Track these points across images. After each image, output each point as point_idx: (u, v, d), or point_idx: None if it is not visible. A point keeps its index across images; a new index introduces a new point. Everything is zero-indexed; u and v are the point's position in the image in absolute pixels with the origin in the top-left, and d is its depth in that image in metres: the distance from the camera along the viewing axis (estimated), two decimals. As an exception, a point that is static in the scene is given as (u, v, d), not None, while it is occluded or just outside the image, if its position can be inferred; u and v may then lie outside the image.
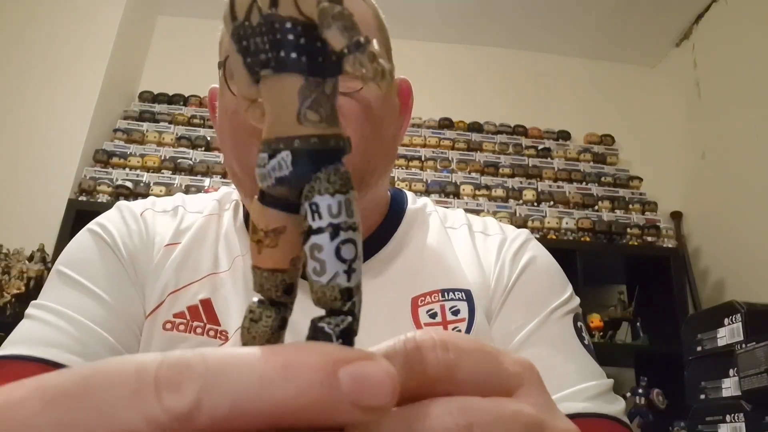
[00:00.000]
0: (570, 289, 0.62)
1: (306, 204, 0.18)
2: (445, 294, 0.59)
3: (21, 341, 0.51)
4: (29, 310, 0.54)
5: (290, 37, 0.18)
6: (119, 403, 0.15)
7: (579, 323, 0.60)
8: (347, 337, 0.19)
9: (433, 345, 0.19)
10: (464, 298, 0.59)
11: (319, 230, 0.18)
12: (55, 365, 0.49)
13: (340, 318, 0.19)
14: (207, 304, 0.57)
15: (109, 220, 0.61)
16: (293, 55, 0.18)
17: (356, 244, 0.19)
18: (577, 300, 0.62)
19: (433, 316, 0.57)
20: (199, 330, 0.55)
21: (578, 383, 0.53)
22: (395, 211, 0.66)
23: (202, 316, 0.56)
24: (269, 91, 0.19)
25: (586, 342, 0.58)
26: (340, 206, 0.18)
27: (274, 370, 0.16)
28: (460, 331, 0.57)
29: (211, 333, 0.55)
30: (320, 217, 0.18)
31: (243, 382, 0.15)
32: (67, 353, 0.50)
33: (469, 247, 0.64)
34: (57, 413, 0.15)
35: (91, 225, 0.61)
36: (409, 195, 0.70)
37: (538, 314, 0.58)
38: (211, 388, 0.15)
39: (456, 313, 0.58)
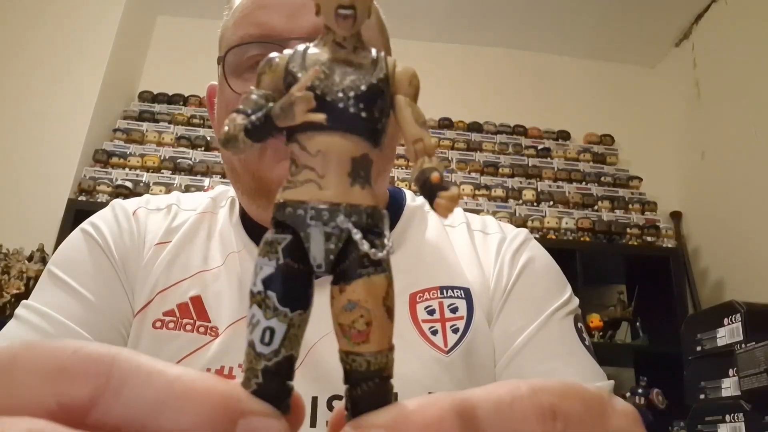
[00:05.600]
0: (569, 289, 0.62)
1: None
2: (444, 291, 0.58)
3: (3, 343, 0.51)
4: (18, 310, 0.55)
5: None
6: (32, 384, 0.15)
7: (579, 324, 0.59)
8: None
9: (542, 415, 0.18)
10: (463, 296, 0.58)
11: None
12: None
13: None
14: (197, 300, 0.57)
15: (102, 220, 0.61)
16: None
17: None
18: (576, 300, 0.61)
19: (431, 312, 0.57)
20: (188, 327, 0.55)
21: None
22: (394, 208, 0.66)
23: (192, 313, 0.56)
24: None
25: (586, 343, 0.58)
26: None
27: (175, 396, 0.15)
28: (458, 329, 0.56)
29: (201, 330, 0.55)
30: None
31: (142, 397, 0.15)
32: None
33: (468, 246, 0.64)
34: None
35: (85, 225, 0.61)
36: (408, 193, 0.70)
37: (539, 316, 0.57)
38: (111, 391, 0.15)
39: (454, 310, 0.57)
